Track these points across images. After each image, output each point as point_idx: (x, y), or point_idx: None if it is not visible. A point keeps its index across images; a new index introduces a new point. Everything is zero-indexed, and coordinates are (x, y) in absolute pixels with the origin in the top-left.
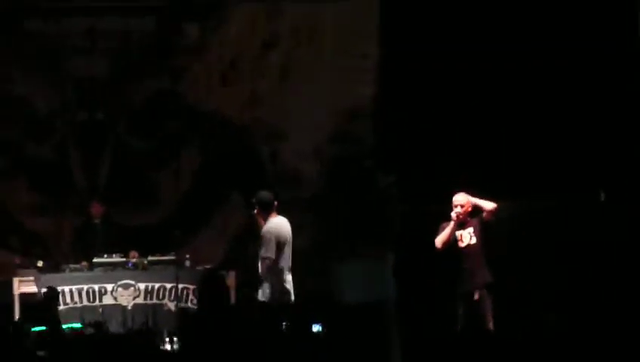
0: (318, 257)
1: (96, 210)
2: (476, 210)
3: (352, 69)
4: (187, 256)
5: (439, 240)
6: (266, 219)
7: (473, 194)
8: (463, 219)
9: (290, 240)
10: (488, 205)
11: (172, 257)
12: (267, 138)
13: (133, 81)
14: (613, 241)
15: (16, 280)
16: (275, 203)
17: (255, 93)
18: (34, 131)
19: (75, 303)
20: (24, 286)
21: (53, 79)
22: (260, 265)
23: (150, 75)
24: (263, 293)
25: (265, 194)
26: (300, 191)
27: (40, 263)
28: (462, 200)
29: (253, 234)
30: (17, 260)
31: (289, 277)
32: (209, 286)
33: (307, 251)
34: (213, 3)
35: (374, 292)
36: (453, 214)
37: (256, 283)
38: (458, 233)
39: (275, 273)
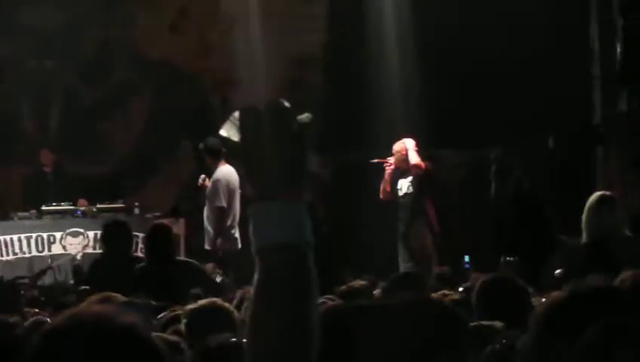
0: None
1: (46, 158)
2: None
3: (302, 17)
4: (136, 203)
5: (380, 190)
6: (215, 167)
7: (418, 143)
8: (399, 166)
9: (239, 189)
10: (413, 159)
11: (121, 205)
12: (217, 86)
13: (83, 30)
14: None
15: None
16: (224, 150)
17: (205, 42)
18: None
19: (24, 253)
20: None
21: (3, 28)
22: (209, 213)
23: (100, 23)
24: (208, 242)
25: (213, 141)
26: None
27: None
28: (396, 147)
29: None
30: None
31: (236, 225)
32: (156, 238)
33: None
34: None
35: (289, 234)
36: (391, 159)
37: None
38: (400, 182)
39: (224, 221)
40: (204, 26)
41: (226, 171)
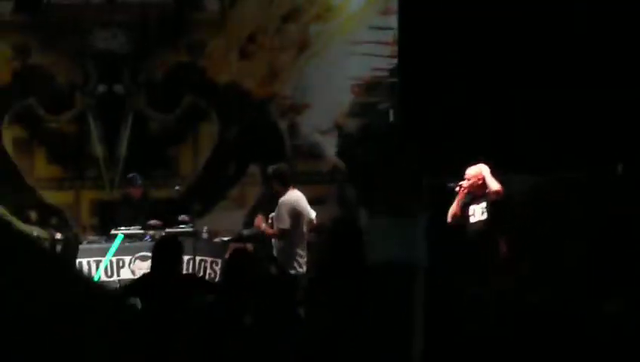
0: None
1: (136, 192)
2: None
3: (371, 42)
4: (205, 228)
5: (449, 214)
6: (283, 192)
7: (492, 168)
8: (470, 191)
9: (308, 216)
10: (493, 185)
11: (190, 229)
12: (286, 112)
13: (152, 55)
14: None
15: None
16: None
17: (274, 67)
18: (54, 103)
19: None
20: None
21: (73, 52)
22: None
23: (169, 48)
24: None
25: (282, 167)
26: (319, 165)
27: (58, 235)
28: (470, 172)
29: (271, 207)
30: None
31: (302, 252)
32: (237, 262)
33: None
34: None
35: (404, 253)
36: (458, 186)
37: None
38: (472, 208)
39: (287, 245)
40: (272, 51)
41: (294, 196)
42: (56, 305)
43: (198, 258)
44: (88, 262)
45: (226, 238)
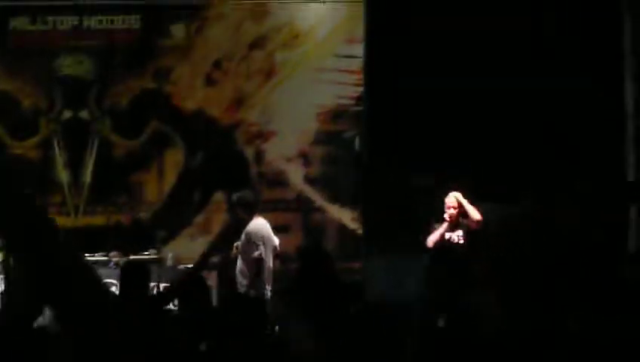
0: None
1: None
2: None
3: (338, 70)
4: (170, 254)
5: (431, 240)
6: (249, 220)
7: (464, 195)
8: (455, 221)
9: (272, 243)
10: (475, 215)
11: (154, 256)
12: (252, 139)
13: (118, 81)
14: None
15: None
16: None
17: (240, 94)
18: (19, 129)
19: None
20: None
21: (38, 77)
22: (242, 266)
23: (135, 74)
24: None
25: (247, 194)
26: (284, 192)
27: None
28: (454, 201)
29: (236, 234)
30: None
31: (267, 278)
32: (190, 288)
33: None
34: (198, 3)
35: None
36: (446, 216)
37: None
38: (448, 235)
39: (263, 273)
40: (239, 78)
41: (260, 224)
42: None
43: (162, 285)
44: None
45: (190, 265)
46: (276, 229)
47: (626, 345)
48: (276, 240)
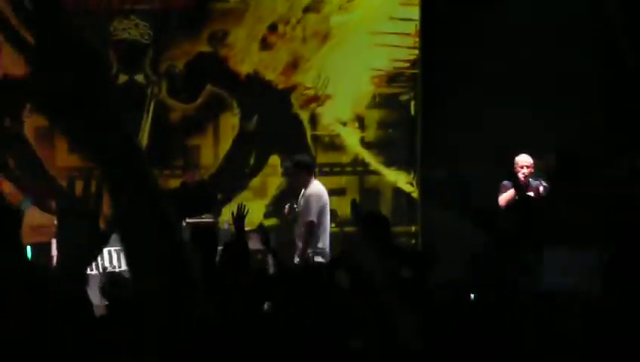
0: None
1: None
2: None
3: (394, 33)
4: (226, 218)
5: (503, 198)
6: (308, 182)
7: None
8: (527, 181)
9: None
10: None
11: (211, 219)
12: (307, 103)
13: (173, 45)
14: None
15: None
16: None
17: (295, 58)
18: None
19: (114, 267)
20: None
21: (94, 42)
22: (298, 228)
23: (190, 38)
24: (298, 256)
25: (305, 157)
26: (340, 156)
27: None
28: (528, 160)
29: (292, 197)
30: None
31: (325, 244)
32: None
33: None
34: None
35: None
36: (520, 175)
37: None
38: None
39: (315, 236)
40: (294, 42)
41: (319, 187)
42: None
43: (219, 248)
44: (109, 252)
45: (247, 229)
46: (332, 192)
47: None
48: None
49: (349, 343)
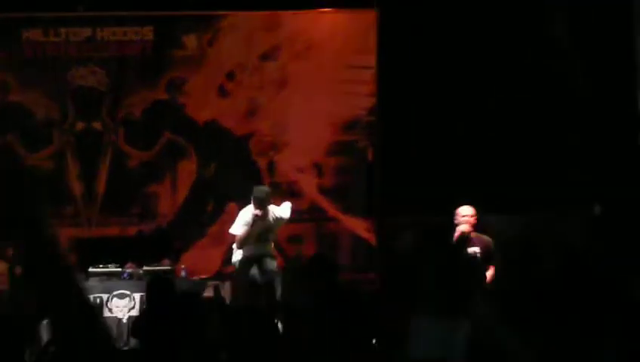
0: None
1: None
2: None
3: (351, 81)
4: (182, 266)
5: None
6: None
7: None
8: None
9: None
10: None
11: (168, 267)
12: (265, 149)
13: (131, 92)
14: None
15: None
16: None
17: (253, 105)
18: (32, 140)
19: None
20: None
21: (52, 88)
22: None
23: (148, 85)
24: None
25: (259, 190)
26: (298, 203)
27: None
28: (471, 211)
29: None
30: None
31: None
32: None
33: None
34: (211, 15)
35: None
36: (465, 226)
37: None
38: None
39: None
40: (252, 89)
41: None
42: None
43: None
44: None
45: (204, 276)
46: (290, 239)
47: None
48: None
49: None
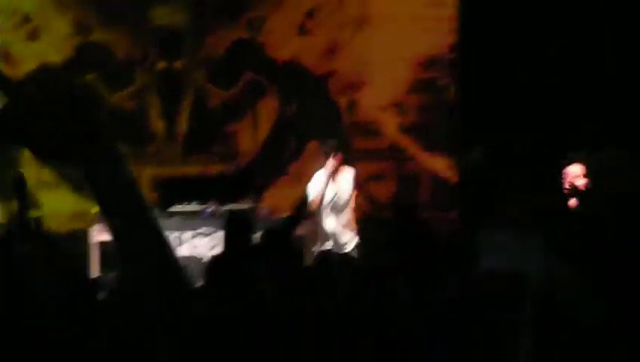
0: None
1: None
2: None
3: (431, 18)
4: (264, 205)
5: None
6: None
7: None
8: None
9: None
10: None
11: (250, 206)
12: (345, 88)
13: (212, 31)
14: None
15: (93, 229)
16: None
17: (333, 44)
18: (113, 80)
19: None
20: (103, 234)
21: (133, 28)
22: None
23: (229, 24)
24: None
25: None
26: (378, 142)
27: None
28: (578, 170)
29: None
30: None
31: None
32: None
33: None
34: None
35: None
36: (580, 185)
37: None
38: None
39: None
40: (332, 28)
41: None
42: None
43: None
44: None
45: (285, 214)
46: (370, 178)
47: None
48: None
49: None
